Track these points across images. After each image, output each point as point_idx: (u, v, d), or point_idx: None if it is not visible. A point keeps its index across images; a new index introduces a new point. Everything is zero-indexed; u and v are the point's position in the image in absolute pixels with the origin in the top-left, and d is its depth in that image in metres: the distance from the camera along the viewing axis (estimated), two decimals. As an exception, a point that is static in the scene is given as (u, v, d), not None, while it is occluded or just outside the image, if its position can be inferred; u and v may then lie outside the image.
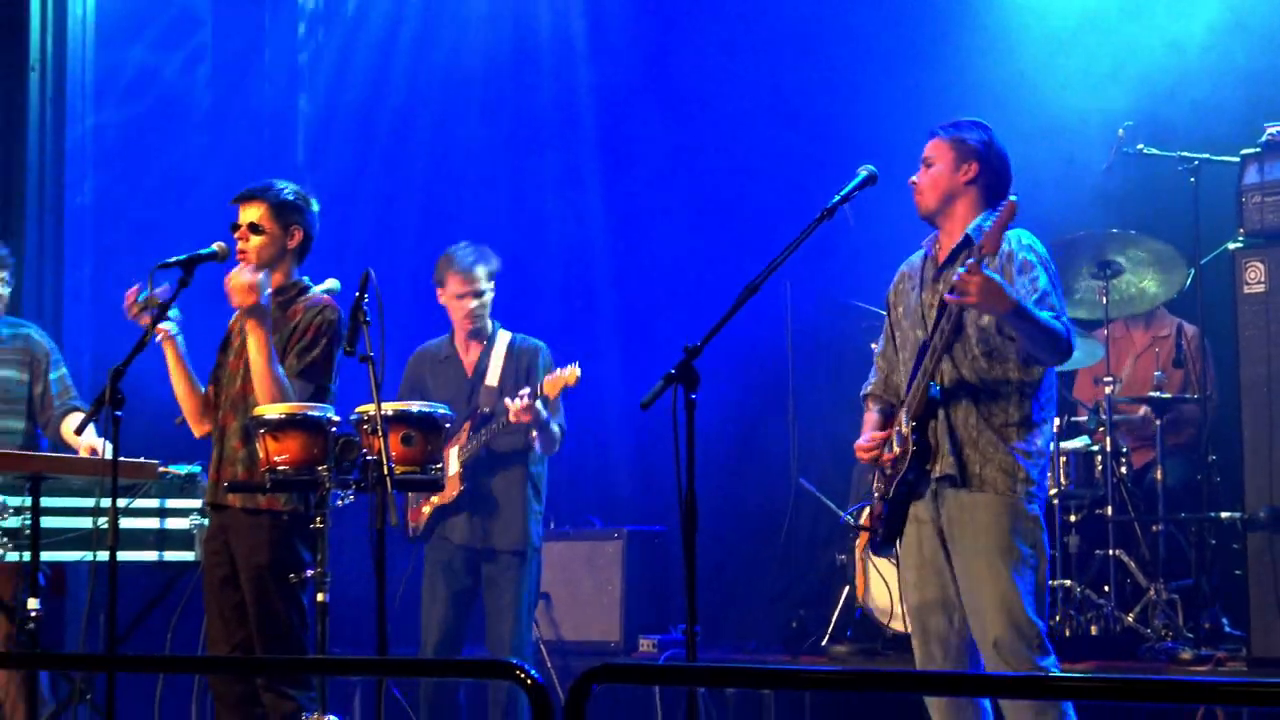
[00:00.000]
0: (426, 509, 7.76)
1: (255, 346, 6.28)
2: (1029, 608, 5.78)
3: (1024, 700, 5.79)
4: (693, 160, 10.14)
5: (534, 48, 10.76)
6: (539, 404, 7.44)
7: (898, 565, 6.36)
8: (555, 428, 7.65)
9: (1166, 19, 8.99)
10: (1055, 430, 7.68)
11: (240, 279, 6.29)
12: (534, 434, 7.60)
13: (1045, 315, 5.76)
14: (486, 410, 7.67)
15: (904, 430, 5.97)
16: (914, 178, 6.09)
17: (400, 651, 7.87)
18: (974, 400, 5.90)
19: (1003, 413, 5.89)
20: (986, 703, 6.03)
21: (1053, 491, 7.79)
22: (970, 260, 5.58)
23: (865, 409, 6.36)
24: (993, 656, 5.78)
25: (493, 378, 7.76)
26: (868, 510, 6.51)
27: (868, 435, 6.21)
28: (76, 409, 7.66)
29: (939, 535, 5.98)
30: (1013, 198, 5.69)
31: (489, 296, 7.86)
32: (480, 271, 7.81)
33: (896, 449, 6.02)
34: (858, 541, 7.62)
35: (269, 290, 6.38)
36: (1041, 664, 5.77)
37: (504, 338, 7.89)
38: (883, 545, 6.23)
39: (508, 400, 7.54)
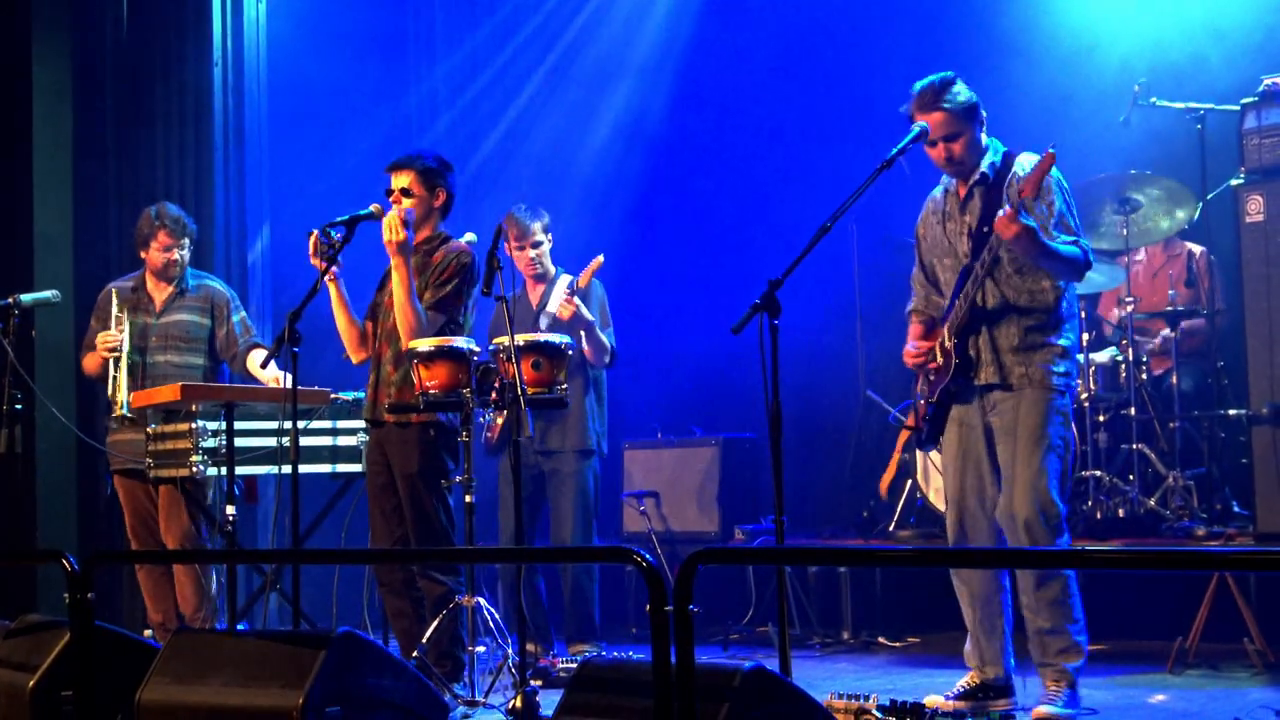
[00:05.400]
0: (499, 420, 7.55)
1: (398, 280, 6.32)
2: (1054, 491, 5.72)
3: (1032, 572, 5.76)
4: (769, 125, 10.03)
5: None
6: (578, 300, 7.26)
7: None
8: (604, 339, 7.46)
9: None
10: (1084, 342, 7.64)
11: (392, 216, 6.35)
12: (583, 342, 7.35)
13: (1064, 244, 5.66)
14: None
15: (947, 345, 5.90)
16: (939, 154, 5.85)
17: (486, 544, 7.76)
18: (1012, 314, 5.81)
19: (1037, 321, 5.79)
20: (1006, 579, 5.97)
21: (1084, 395, 7.75)
22: (1009, 207, 5.50)
23: (909, 323, 6.27)
24: (1020, 532, 5.69)
25: (553, 306, 7.51)
26: (913, 411, 6.42)
27: (914, 344, 6.14)
28: (258, 345, 7.67)
29: (985, 434, 5.91)
30: (1050, 149, 5.53)
31: (545, 248, 7.69)
32: (535, 226, 7.63)
33: (940, 360, 5.96)
34: (901, 436, 7.52)
35: (413, 229, 6.43)
36: (1058, 543, 5.71)
37: (565, 279, 7.66)
38: (927, 441, 6.20)
39: (556, 298, 7.44)
